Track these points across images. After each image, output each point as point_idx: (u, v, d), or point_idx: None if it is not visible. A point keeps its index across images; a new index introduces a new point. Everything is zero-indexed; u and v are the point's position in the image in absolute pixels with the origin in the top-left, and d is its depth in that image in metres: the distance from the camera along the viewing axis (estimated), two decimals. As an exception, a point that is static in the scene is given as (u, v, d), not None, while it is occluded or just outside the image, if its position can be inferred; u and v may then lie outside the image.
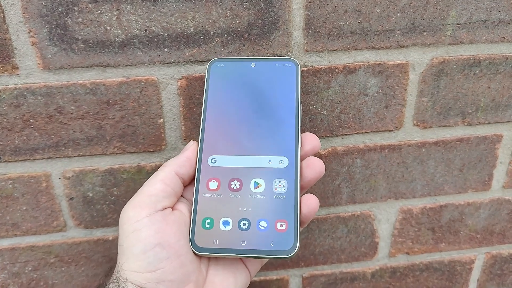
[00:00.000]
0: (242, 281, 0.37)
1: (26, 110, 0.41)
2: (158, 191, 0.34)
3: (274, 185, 0.36)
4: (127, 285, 0.31)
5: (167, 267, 0.32)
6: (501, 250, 0.57)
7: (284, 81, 0.39)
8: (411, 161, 0.49)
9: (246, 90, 0.39)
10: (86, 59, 0.40)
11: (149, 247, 0.32)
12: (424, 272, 0.56)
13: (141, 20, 0.39)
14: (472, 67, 0.45)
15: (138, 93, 0.42)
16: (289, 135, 0.37)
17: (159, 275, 0.32)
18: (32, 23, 0.38)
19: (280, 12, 0.40)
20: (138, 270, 0.32)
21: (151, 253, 0.32)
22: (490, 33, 0.43)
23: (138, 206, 0.34)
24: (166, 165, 0.36)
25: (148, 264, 0.32)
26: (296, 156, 0.37)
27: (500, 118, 0.48)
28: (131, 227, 0.33)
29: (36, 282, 0.49)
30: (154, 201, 0.34)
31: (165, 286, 0.32)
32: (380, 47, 0.42)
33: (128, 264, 0.32)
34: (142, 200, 0.34)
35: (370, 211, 0.51)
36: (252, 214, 0.35)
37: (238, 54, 0.41)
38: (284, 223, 0.35)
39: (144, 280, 0.31)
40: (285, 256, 0.34)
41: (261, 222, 0.35)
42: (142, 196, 0.34)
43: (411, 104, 0.46)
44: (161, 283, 0.32)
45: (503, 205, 0.53)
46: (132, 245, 0.32)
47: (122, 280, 0.32)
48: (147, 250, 0.32)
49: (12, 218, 0.46)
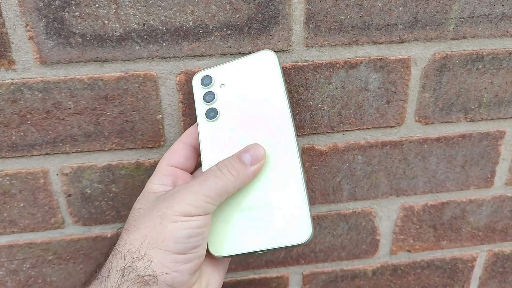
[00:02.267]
0: (226, 265, 0.40)
1: (23, 106, 0.41)
2: (210, 197, 0.34)
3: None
4: (152, 266, 0.32)
5: (199, 252, 0.34)
6: (503, 248, 0.56)
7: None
8: (412, 158, 0.48)
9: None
10: (83, 54, 0.39)
11: (194, 234, 0.33)
12: (425, 269, 0.56)
13: (139, 14, 0.38)
14: (475, 62, 0.44)
15: (136, 88, 0.41)
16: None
17: (191, 256, 0.33)
18: (28, 17, 0.37)
19: (281, 6, 0.39)
20: (172, 250, 0.32)
21: (193, 239, 0.33)
22: (494, 28, 0.43)
23: (194, 204, 0.33)
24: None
25: (185, 248, 0.33)
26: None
27: (503, 114, 0.47)
28: (184, 224, 0.33)
29: (34, 280, 0.49)
30: (208, 202, 0.34)
31: (194, 264, 0.33)
32: (381, 41, 0.42)
33: (164, 243, 0.32)
34: (197, 200, 0.34)
35: (371, 208, 0.51)
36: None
37: (238, 49, 0.41)
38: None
39: (172, 261, 0.32)
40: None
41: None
42: (197, 193, 0.34)
43: (413, 99, 0.45)
44: (187, 263, 0.33)
45: (506, 202, 0.53)
46: (178, 229, 0.33)
47: (146, 259, 0.32)
48: (192, 236, 0.33)
49: (10, 215, 0.45)
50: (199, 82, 0.40)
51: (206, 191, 0.33)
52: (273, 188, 0.36)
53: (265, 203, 0.36)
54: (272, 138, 0.37)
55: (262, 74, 0.38)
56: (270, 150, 0.37)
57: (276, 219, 0.35)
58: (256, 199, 0.36)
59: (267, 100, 0.38)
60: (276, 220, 0.35)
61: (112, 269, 0.32)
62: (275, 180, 0.36)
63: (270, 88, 0.38)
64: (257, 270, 0.53)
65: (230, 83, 0.39)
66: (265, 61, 0.38)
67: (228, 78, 0.39)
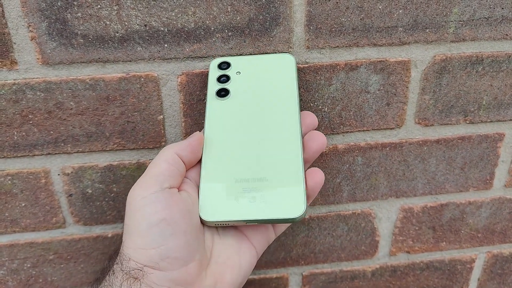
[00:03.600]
0: (247, 259, 0.36)
1: (25, 106, 0.41)
2: (163, 170, 0.34)
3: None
4: (130, 264, 0.31)
5: (171, 244, 0.32)
6: (502, 250, 0.57)
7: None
8: (412, 159, 0.48)
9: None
10: (85, 55, 0.39)
11: (154, 222, 0.32)
12: (424, 271, 0.56)
13: (141, 15, 0.38)
14: (475, 65, 0.44)
15: (138, 89, 0.41)
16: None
17: (163, 251, 0.31)
18: (31, 17, 0.37)
19: (282, 8, 0.39)
20: (142, 246, 0.31)
21: (156, 229, 0.32)
22: (493, 31, 0.43)
23: (144, 185, 0.34)
24: (167, 147, 0.36)
25: (152, 240, 0.32)
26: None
27: (502, 116, 0.47)
28: (137, 205, 0.33)
29: (35, 279, 0.49)
30: (161, 180, 0.34)
31: (168, 263, 0.32)
32: (382, 44, 0.42)
33: (132, 241, 0.32)
34: (148, 180, 0.34)
35: (371, 209, 0.51)
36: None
37: (239, 50, 0.41)
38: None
39: (147, 257, 0.31)
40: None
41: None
42: (148, 176, 0.34)
43: (412, 101, 0.45)
44: (164, 259, 0.31)
45: (505, 204, 0.53)
46: (138, 222, 0.32)
47: (125, 260, 0.31)
48: (152, 225, 0.32)
49: (11, 215, 0.45)
50: (216, 66, 0.41)
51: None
52: (272, 165, 0.37)
53: (262, 178, 0.36)
54: (277, 119, 0.38)
55: (279, 71, 0.40)
56: (274, 129, 0.38)
57: (271, 192, 0.36)
58: (253, 173, 0.37)
59: (278, 95, 0.39)
60: (271, 193, 0.36)
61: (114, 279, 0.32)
62: (275, 158, 0.37)
63: (284, 86, 0.40)
64: (256, 271, 0.53)
65: (247, 72, 0.41)
66: (284, 61, 0.41)
67: (246, 68, 0.41)
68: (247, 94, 0.40)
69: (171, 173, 0.34)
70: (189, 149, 0.36)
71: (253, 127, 0.38)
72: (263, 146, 0.37)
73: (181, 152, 0.36)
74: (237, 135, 0.38)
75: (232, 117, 0.39)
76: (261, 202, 0.35)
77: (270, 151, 0.37)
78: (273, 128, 0.38)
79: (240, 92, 0.40)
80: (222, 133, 0.38)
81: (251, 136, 0.38)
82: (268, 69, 0.41)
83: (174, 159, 0.35)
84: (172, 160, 0.35)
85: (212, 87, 0.40)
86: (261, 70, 0.41)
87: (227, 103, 0.40)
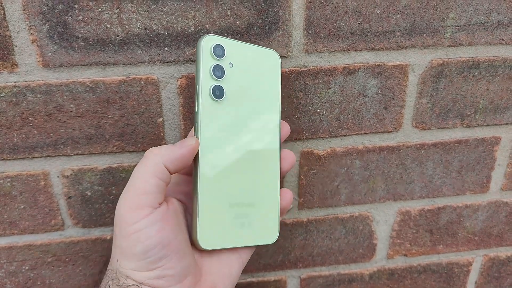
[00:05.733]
0: (236, 268, 0.38)
1: (25, 108, 0.41)
2: (153, 186, 0.33)
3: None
4: (128, 281, 0.31)
5: (167, 264, 0.33)
6: (499, 253, 0.57)
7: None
8: (409, 163, 0.49)
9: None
10: (86, 57, 0.40)
11: (150, 247, 0.32)
12: (422, 274, 0.56)
13: (141, 19, 0.39)
14: (471, 69, 0.45)
15: (137, 92, 0.42)
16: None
17: (160, 272, 0.32)
18: (32, 20, 0.38)
19: (281, 12, 0.40)
20: (138, 269, 0.32)
21: (151, 253, 0.32)
22: (489, 35, 0.43)
23: (136, 206, 0.33)
24: (155, 154, 0.34)
25: (148, 263, 0.32)
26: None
27: (498, 120, 0.48)
28: (131, 229, 0.32)
29: (33, 282, 0.49)
30: (151, 200, 0.33)
31: (166, 281, 0.32)
32: (379, 48, 0.43)
33: (128, 262, 0.32)
34: (137, 201, 0.33)
35: (369, 212, 0.51)
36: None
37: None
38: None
39: (144, 277, 0.32)
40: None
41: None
42: (138, 194, 0.33)
43: (410, 105, 0.46)
44: (161, 278, 0.32)
45: (501, 207, 0.53)
46: (133, 245, 0.32)
47: (122, 277, 0.32)
48: (148, 250, 0.32)
49: (10, 217, 0.45)
50: (210, 50, 0.35)
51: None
52: (258, 189, 0.38)
53: (251, 202, 0.38)
54: (262, 130, 0.39)
55: (266, 71, 0.39)
56: (258, 142, 0.38)
57: (256, 218, 0.38)
58: (245, 197, 0.38)
59: (264, 101, 0.39)
60: (256, 219, 0.38)
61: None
62: (261, 182, 0.39)
63: (268, 89, 0.39)
64: (255, 274, 0.53)
65: (238, 65, 0.37)
66: (271, 60, 0.39)
67: (238, 59, 0.37)
68: (238, 95, 0.37)
69: (160, 189, 0.34)
70: (179, 160, 0.34)
71: (243, 137, 0.38)
72: (251, 163, 0.38)
73: (171, 164, 0.34)
74: (229, 146, 0.37)
75: (224, 124, 0.37)
76: (248, 229, 0.38)
77: (256, 169, 0.38)
78: (258, 142, 0.38)
79: (232, 92, 0.37)
80: (216, 141, 0.36)
81: (241, 149, 0.37)
82: (256, 65, 0.38)
83: (162, 172, 0.34)
84: (161, 174, 0.34)
85: (205, 81, 0.36)
86: (250, 66, 0.38)
87: (220, 105, 0.37)
